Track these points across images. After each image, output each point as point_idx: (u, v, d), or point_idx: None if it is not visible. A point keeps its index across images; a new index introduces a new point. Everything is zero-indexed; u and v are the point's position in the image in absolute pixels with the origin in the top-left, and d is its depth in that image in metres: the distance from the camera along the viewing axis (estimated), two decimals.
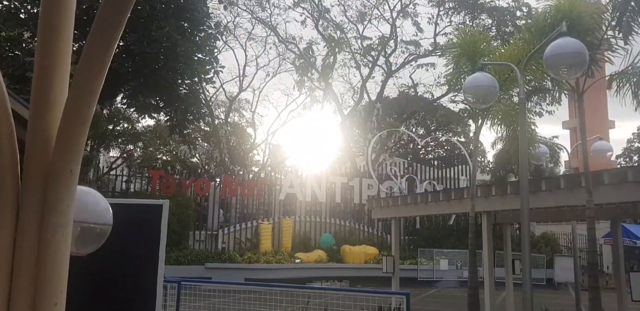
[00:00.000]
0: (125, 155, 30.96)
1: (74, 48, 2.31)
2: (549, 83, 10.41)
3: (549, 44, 7.11)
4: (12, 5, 19.96)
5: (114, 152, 31.86)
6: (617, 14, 7.83)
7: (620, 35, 8.34)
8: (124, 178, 26.09)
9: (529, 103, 22.38)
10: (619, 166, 47.87)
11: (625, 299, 9.00)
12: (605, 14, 8.19)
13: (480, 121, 11.44)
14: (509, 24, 33.33)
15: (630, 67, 8.66)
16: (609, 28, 8.19)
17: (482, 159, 38.90)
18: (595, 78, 9.18)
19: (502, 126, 11.56)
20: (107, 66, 2.05)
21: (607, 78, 9.68)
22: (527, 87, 10.76)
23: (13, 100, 2.37)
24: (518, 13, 33.47)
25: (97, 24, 1.97)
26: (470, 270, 10.16)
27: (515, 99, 10.99)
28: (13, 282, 2.11)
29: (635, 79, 8.57)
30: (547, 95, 13.07)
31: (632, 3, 7.56)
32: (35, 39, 18.28)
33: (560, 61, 6.89)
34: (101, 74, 2.08)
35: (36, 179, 2.10)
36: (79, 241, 2.27)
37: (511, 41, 12.23)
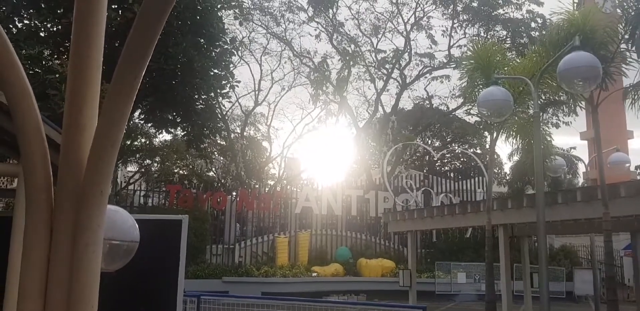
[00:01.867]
0: (142, 170, 31.25)
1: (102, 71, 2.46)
2: (564, 95, 10.43)
3: (562, 57, 7.16)
4: (32, 24, 20.36)
5: (131, 167, 32.19)
6: (630, 28, 7.87)
7: (634, 48, 8.37)
8: (142, 193, 26.34)
9: (545, 115, 22.35)
10: (638, 177, 47.42)
11: None
12: (618, 27, 8.22)
13: (495, 133, 11.47)
14: (524, 35, 33.35)
15: None
16: (622, 41, 8.22)
17: (499, 170, 38.72)
18: (611, 90, 9.19)
19: (518, 139, 11.58)
20: (135, 92, 2.16)
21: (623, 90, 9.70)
22: (542, 99, 10.81)
23: (47, 126, 2.50)
24: (533, 24, 33.49)
25: (126, 52, 2.08)
26: (488, 283, 10.14)
27: (531, 111, 11.01)
28: (47, 298, 2.22)
29: None
30: (563, 106, 13.06)
31: None
32: (55, 56, 18.68)
33: (573, 75, 6.94)
34: (130, 100, 2.20)
35: (68, 199, 2.21)
36: (107, 258, 2.37)
37: (526, 53, 12.27)
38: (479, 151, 38.16)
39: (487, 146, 11.36)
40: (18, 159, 5.62)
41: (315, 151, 44.23)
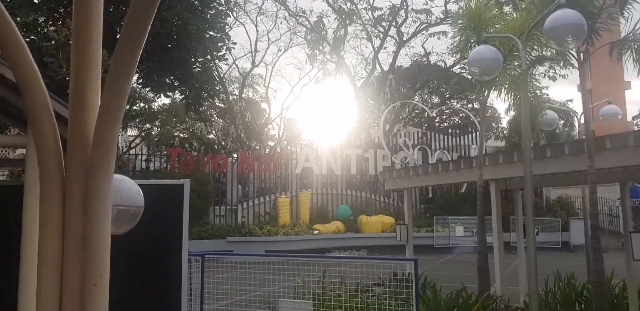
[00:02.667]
0: (143, 134, 31.49)
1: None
2: (554, 52, 10.56)
3: (549, 15, 7.29)
4: None
5: (132, 132, 32.40)
6: None
7: (617, 4, 8.48)
8: (144, 157, 26.66)
9: (542, 68, 22.33)
10: (635, 127, 47.58)
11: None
12: None
13: (486, 91, 11.64)
14: None
15: (631, 34, 8.82)
16: None
17: (497, 125, 38.91)
18: (603, 43, 9.33)
19: (510, 95, 11.74)
20: (134, 69, 2.39)
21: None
22: (532, 56, 10.93)
23: (54, 101, 2.77)
24: None
25: (124, 33, 2.30)
26: (480, 235, 10.53)
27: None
28: (64, 258, 2.52)
29: (636, 46, 8.75)
30: (553, 61, 13.17)
31: None
32: (50, 23, 18.56)
33: (559, 32, 7.08)
34: (129, 76, 2.44)
35: (78, 171, 2.48)
36: (116, 222, 2.65)
37: (520, 8, 12.31)
38: (477, 106, 38.25)
39: (487, 100, 11.57)
40: (22, 130, 5.86)
41: (314, 112, 44.36)
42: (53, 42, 16.15)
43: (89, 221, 2.45)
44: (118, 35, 2.46)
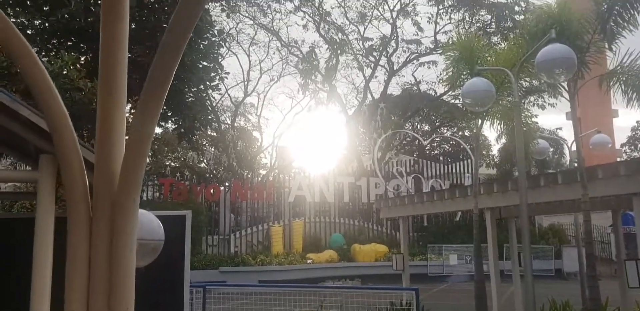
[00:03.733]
0: None
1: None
2: (544, 84, 10.84)
3: (540, 49, 7.54)
4: (19, 21, 20.45)
5: None
6: (601, 22, 8.26)
7: (606, 39, 8.77)
8: None
9: (531, 97, 22.74)
10: (624, 155, 48.13)
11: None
12: (592, 19, 8.61)
13: (479, 121, 11.87)
14: (508, 19, 33.66)
15: (619, 67, 9.10)
16: (596, 32, 8.61)
17: (487, 153, 39.22)
18: (590, 76, 9.60)
19: (502, 124, 11.97)
20: (159, 111, 2.52)
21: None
22: (523, 87, 11.21)
23: (82, 147, 2.92)
24: (517, 8, 33.79)
25: (150, 78, 2.43)
26: (476, 263, 10.63)
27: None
28: (90, 292, 2.61)
29: (624, 78, 9.01)
30: (548, 89, 13.46)
31: (615, 10, 7.97)
32: (43, 54, 18.69)
33: (550, 66, 7.33)
34: (155, 119, 2.56)
35: (105, 208, 2.59)
36: (138, 255, 2.75)
37: (509, 38, 12.62)
38: (467, 134, 38.62)
39: (475, 130, 11.79)
40: (30, 165, 5.96)
41: (306, 140, 44.57)
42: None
43: (115, 257, 2.55)
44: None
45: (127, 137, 2.68)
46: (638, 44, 9.36)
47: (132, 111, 23.10)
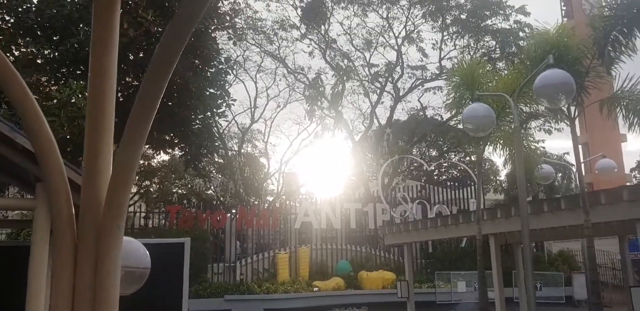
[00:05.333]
0: (142, 191, 31.54)
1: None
2: (544, 109, 10.88)
3: (539, 74, 7.59)
4: (30, 51, 20.77)
5: (131, 189, 32.45)
6: (599, 47, 8.32)
7: (604, 64, 8.81)
8: (142, 214, 26.60)
9: (536, 122, 22.77)
10: (634, 179, 47.79)
11: None
12: (590, 44, 8.68)
13: (483, 145, 11.88)
14: (512, 45, 33.89)
15: (619, 92, 9.12)
16: (595, 57, 8.66)
17: (495, 178, 39.07)
18: (591, 100, 9.62)
19: (505, 149, 11.98)
20: (145, 137, 2.55)
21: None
22: (524, 112, 11.23)
23: (68, 169, 2.93)
24: (521, 34, 34.06)
25: (137, 104, 2.47)
26: (480, 291, 10.50)
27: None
28: None
29: (624, 103, 9.02)
30: (554, 114, 13.47)
31: (613, 36, 8.04)
32: (53, 82, 18.97)
33: (549, 91, 7.37)
34: (140, 145, 2.59)
35: (90, 234, 2.60)
36: (123, 283, 2.75)
37: (514, 63, 12.68)
38: (474, 159, 38.51)
39: (484, 154, 11.82)
40: (28, 192, 6.01)
41: (313, 166, 44.60)
42: (55, 101, 16.48)
43: (99, 283, 2.55)
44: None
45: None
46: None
47: None
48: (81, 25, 18.47)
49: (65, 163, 2.84)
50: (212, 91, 22.75)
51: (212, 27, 22.77)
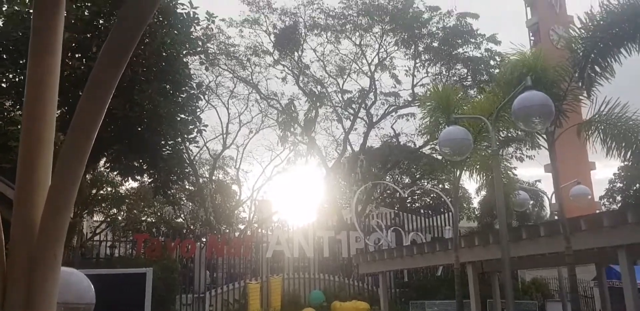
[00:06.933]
0: (109, 219, 30.69)
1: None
2: (522, 132, 10.74)
3: (516, 97, 7.41)
4: None
5: (97, 217, 31.57)
6: (579, 68, 8.22)
7: (584, 87, 8.72)
8: (108, 243, 25.79)
9: (509, 149, 22.79)
10: (603, 207, 48.22)
11: None
12: (568, 67, 8.58)
13: (459, 171, 11.67)
14: (484, 72, 34.28)
15: (597, 116, 9.02)
16: (572, 80, 8.57)
17: (468, 205, 39.02)
18: (567, 125, 9.49)
19: (481, 175, 11.78)
20: (88, 152, 2.18)
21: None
22: (501, 136, 11.08)
23: (1, 183, 2.53)
24: (492, 62, 34.50)
25: (77, 115, 2.12)
26: None
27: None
28: None
29: (602, 127, 8.91)
30: (525, 141, 13.41)
31: (591, 57, 7.97)
32: (17, 107, 18.46)
33: (527, 114, 7.19)
34: (84, 159, 2.22)
35: (21, 262, 2.19)
36: None
37: (485, 90, 12.63)
38: (447, 187, 38.49)
39: (454, 181, 11.64)
40: None
41: (286, 193, 44.09)
42: (19, 126, 15.93)
43: None
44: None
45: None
46: (617, 92, 9.38)
47: (107, 164, 22.75)
48: None
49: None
50: (183, 116, 22.34)
51: (184, 52, 22.49)
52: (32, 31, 2.40)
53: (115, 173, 23.80)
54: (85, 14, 18.41)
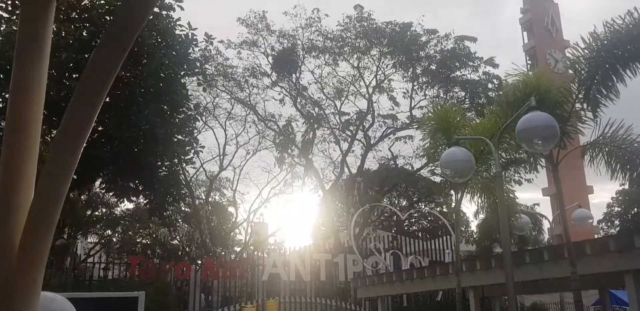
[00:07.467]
0: (103, 241, 30.32)
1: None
2: (525, 154, 10.60)
3: (519, 117, 7.28)
4: None
5: (92, 239, 31.19)
6: (584, 88, 8.12)
7: (589, 108, 8.61)
8: (102, 265, 25.41)
9: (508, 172, 22.60)
10: (601, 232, 47.92)
11: None
12: (572, 87, 8.47)
13: (460, 193, 11.48)
14: (482, 95, 34.31)
15: (601, 137, 8.89)
16: (576, 101, 8.46)
17: (466, 228, 38.72)
18: (570, 147, 9.35)
19: (483, 198, 11.60)
20: (72, 172, 2.01)
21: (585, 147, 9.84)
22: (503, 158, 10.92)
23: None
24: (489, 85, 34.58)
25: (61, 133, 1.96)
26: None
27: (494, 170, 11.05)
28: None
29: (607, 149, 8.78)
30: (524, 164, 13.26)
31: (597, 78, 7.87)
32: None
33: (532, 135, 7.04)
34: (67, 180, 2.05)
35: None
36: None
37: (485, 112, 12.54)
38: (445, 210, 38.25)
39: (453, 205, 11.37)
40: None
41: (282, 215, 43.83)
42: None
43: None
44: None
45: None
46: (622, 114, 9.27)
47: (103, 185, 22.51)
48: None
49: None
50: (180, 137, 22.17)
51: (182, 73, 22.42)
52: (17, 38, 2.26)
53: (110, 194, 23.54)
54: (84, 34, 18.36)
